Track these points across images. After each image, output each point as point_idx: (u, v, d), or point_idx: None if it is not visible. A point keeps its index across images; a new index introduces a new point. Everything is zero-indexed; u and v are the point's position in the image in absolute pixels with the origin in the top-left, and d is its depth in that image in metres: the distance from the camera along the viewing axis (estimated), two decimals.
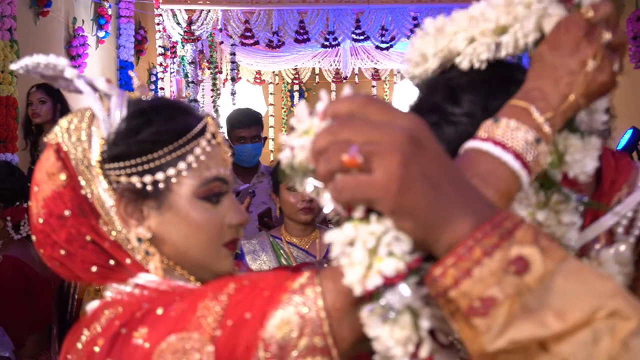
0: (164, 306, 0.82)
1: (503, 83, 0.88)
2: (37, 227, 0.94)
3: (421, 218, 0.61)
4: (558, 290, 0.59)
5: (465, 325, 0.61)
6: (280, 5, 7.21)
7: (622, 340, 0.57)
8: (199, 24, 7.05)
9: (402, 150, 0.60)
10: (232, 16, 7.27)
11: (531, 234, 0.61)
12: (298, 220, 2.75)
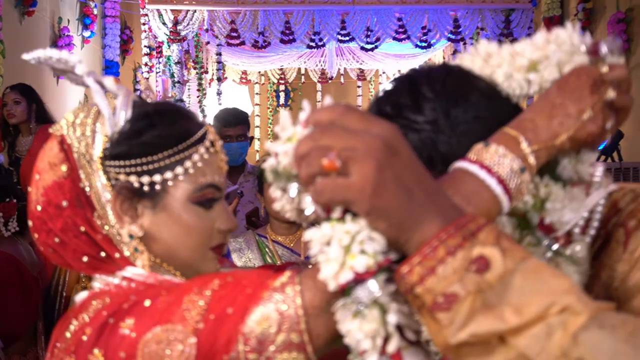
0: (151, 298, 0.86)
1: (464, 91, 0.90)
2: (35, 213, 0.97)
3: (393, 219, 0.66)
4: (516, 288, 0.63)
5: (431, 320, 0.66)
6: (266, 6, 7.25)
7: (573, 334, 0.61)
8: (184, 24, 7.08)
9: (377, 156, 0.64)
10: (218, 16, 7.29)
11: (494, 235, 0.66)
12: (282, 219, 2.79)
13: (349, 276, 0.67)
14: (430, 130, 0.87)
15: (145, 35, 7.27)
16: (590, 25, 7.07)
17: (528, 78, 0.89)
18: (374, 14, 7.59)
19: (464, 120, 0.88)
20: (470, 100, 0.88)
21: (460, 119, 0.88)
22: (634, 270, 0.83)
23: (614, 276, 0.86)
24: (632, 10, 6.33)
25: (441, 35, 8.06)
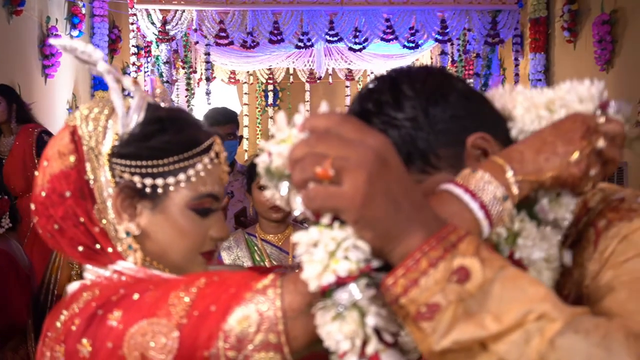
0: (139, 292, 0.89)
1: (443, 91, 0.95)
2: (39, 198, 1.01)
3: (380, 229, 0.69)
4: (496, 296, 0.67)
5: (415, 328, 0.70)
6: (255, 6, 7.26)
7: (549, 340, 0.65)
8: (173, 24, 7.09)
9: (368, 168, 0.67)
10: (206, 16, 7.30)
11: (473, 246, 0.69)
12: (269, 218, 2.84)
13: (331, 279, 0.70)
14: (410, 127, 0.92)
15: (134, 35, 7.25)
16: (575, 27, 7.14)
17: (540, 114, 0.93)
18: (362, 14, 7.62)
19: (442, 118, 0.93)
20: (449, 100, 0.93)
21: (439, 118, 0.92)
22: (604, 270, 0.87)
23: (585, 274, 0.90)
24: (616, 12, 6.40)
25: (428, 35, 8.11)
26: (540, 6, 7.65)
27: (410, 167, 0.91)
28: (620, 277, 0.85)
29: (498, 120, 0.98)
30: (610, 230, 0.90)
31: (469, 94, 0.97)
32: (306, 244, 0.72)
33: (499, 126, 0.97)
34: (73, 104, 7.02)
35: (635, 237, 0.87)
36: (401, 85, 0.95)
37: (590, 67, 6.66)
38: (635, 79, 6.08)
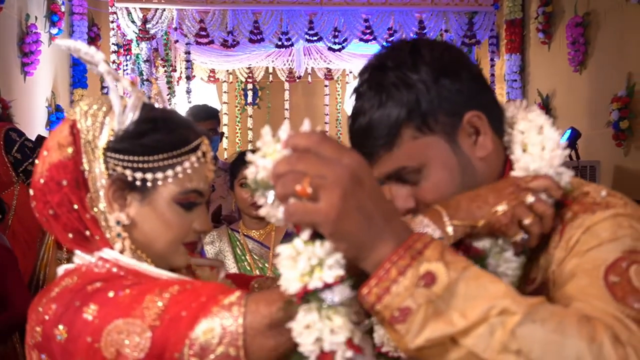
0: (115, 290, 0.96)
1: (457, 66, 1.07)
2: (37, 185, 1.08)
3: (353, 241, 0.76)
4: (461, 295, 0.75)
5: (391, 331, 0.77)
6: (235, 6, 7.31)
7: (511, 330, 0.74)
8: (153, 23, 7.10)
9: (343, 186, 0.74)
10: (187, 15, 7.33)
11: (438, 251, 0.77)
12: (250, 214, 2.93)
13: (318, 284, 0.77)
14: (419, 89, 1.03)
15: (114, 33, 7.26)
16: (549, 28, 7.29)
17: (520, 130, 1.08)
18: (341, 14, 7.70)
19: (449, 89, 1.04)
20: (460, 75, 1.05)
21: (447, 88, 1.04)
22: (568, 258, 0.97)
23: (551, 260, 1.00)
24: (589, 15, 6.55)
25: (407, 36, 8.21)
26: (516, 8, 7.80)
27: (409, 124, 1.03)
28: (582, 264, 0.93)
29: (497, 108, 1.09)
30: (575, 221, 0.99)
31: (478, 78, 1.08)
32: (290, 256, 0.78)
33: (495, 113, 1.09)
34: (52, 101, 7.01)
35: (597, 228, 0.96)
36: (422, 50, 1.06)
37: (564, 68, 6.81)
38: (607, 79, 6.23)
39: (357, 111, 1.08)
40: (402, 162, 1.06)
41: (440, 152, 1.05)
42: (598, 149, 6.29)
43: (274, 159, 0.78)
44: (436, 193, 1.05)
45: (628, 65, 5.90)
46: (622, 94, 5.86)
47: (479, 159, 1.07)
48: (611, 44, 6.22)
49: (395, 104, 1.03)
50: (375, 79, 1.06)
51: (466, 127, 1.06)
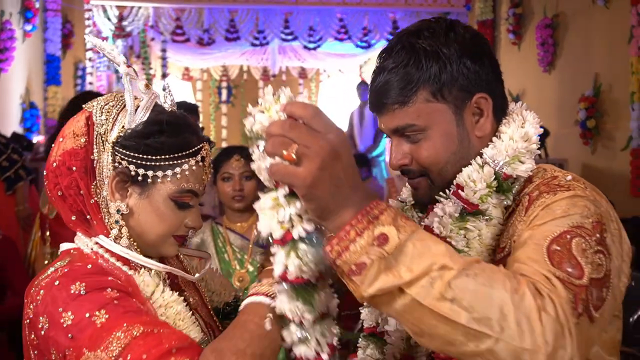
0: (90, 311, 1.04)
1: (482, 51, 1.20)
2: (50, 167, 1.18)
3: (322, 204, 0.90)
4: (408, 253, 0.89)
5: (350, 282, 0.91)
6: (211, 4, 7.35)
7: (447, 282, 0.88)
8: (129, 20, 7.12)
9: (323, 158, 0.87)
10: (163, 13, 7.36)
11: (391, 217, 0.90)
12: (232, 207, 3.02)
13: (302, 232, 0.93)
14: (444, 60, 1.16)
15: (90, 30, 7.25)
16: (520, 30, 7.47)
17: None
18: (317, 14, 7.80)
19: (469, 69, 1.17)
20: (482, 60, 1.19)
21: (467, 67, 1.17)
22: (525, 230, 1.09)
23: (515, 232, 1.13)
24: (557, 17, 6.74)
25: (381, 36, 8.35)
26: (487, 9, 7.98)
27: (427, 88, 1.16)
28: (534, 236, 1.06)
29: (503, 99, 1.23)
30: (539, 200, 1.12)
31: (496, 67, 1.22)
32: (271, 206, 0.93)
33: (500, 102, 1.22)
34: (26, 98, 6.98)
35: (554, 206, 1.09)
36: (456, 29, 1.19)
37: (534, 68, 6.99)
38: (575, 79, 6.41)
39: (383, 67, 1.21)
40: (411, 119, 1.18)
41: (445, 120, 1.18)
42: (566, 147, 6.48)
43: (269, 117, 0.91)
44: (432, 154, 1.18)
45: (595, 66, 6.08)
46: (589, 93, 6.05)
47: (476, 137, 1.20)
48: (579, 45, 6.41)
49: (420, 67, 1.16)
50: (409, 41, 1.19)
51: (473, 105, 1.19)
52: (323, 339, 1.00)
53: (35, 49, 7.30)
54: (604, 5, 5.84)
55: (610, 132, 5.90)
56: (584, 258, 1.01)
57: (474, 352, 0.89)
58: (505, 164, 1.16)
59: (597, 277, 1.00)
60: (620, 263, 1.07)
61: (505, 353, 0.87)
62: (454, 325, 0.88)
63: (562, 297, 0.94)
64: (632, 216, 4.05)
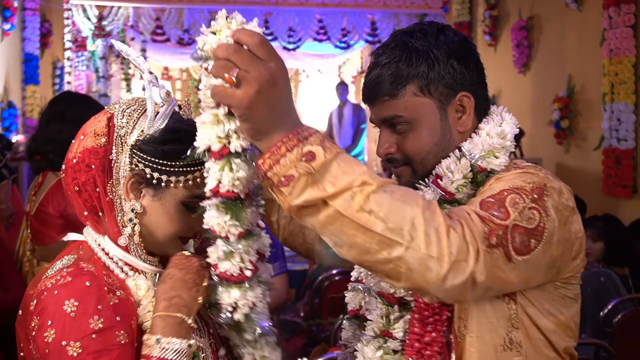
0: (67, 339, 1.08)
1: (468, 55, 1.30)
2: (69, 162, 1.22)
3: (256, 125, 0.98)
4: (333, 171, 0.98)
5: (279, 193, 0.99)
6: (191, 4, 7.38)
7: (366, 195, 0.98)
8: (109, 20, 7.12)
9: (260, 83, 0.95)
10: (143, 13, 7.36)
11: (319, 139, 0.99)
12: None
13: (237, 147, 1.02)
14: (433, 59, 1.26)
15: (69, 30, 7.23)
16: (495, 31, 7.61)
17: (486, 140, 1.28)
18: (296, 15, 7.86)
19: (455, 69, 1.27)
20: (467, 63, 1.29)
21: (454, 67, 1.27)
22: (477, 195, 1.20)
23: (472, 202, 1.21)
24: (532, 19, 6.88)
25: (359, 36, 8.44)
26: (464, 11, 8.11)
27: (415, 83, 1.26)
28: (483, 193, 1.17)
29: (485, 100, 1.32)
30: (496, 176, 1.23)
31: (480, 71, 1.31)
32: (211, 122, 1.01)
33: (482, 102, 1.31)
34: (5, 97, 6.96)
35: (504, 177, 1.20)
36: (446, 32, 1.29)
37: (509, 69, 7.12)
38: (549, 81, 6.55)
39: (377, 62, 1.30)
40: (399, 111, 1.27)
41: (430, 114, 1.27)
42: (540, 147, 6.62)
43: (218, 39, 0.99)
44: (416, 145, 1.28)
45: (568, 67, 6.23)
46: (563, 94, 6.19)
47: (458, 132, 1.29)
48: (553, 47, 6.55)
49: (411, 64, 1.26)
50: (402, 40, 1.29)
51: (456, 103, 1.28)
52: (247, 257, 1.08)
53: (14, 48, 7.28)
54: (577, 9, 5.99)
55: (583, 132, 6.05)
56: (513, 207, 1.10)
57: (386, 259, 1.00)
58: (481, 158, 1.24)
59: (525, 225, 1.09)
60: (567, 237, 1.15)
61: (413, 260, 0.99)
62: (371, 234, 0.98)
63: (475, 225, 1.05)
64: (603, 213, 4.17)
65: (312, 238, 1.48)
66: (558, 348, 1.21)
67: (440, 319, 1.19)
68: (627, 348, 3.16)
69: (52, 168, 2.77)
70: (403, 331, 1.23)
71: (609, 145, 5.46)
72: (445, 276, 1.00)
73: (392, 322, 1.25)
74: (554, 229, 1.12)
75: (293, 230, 1.51)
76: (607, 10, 5.39)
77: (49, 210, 2.74)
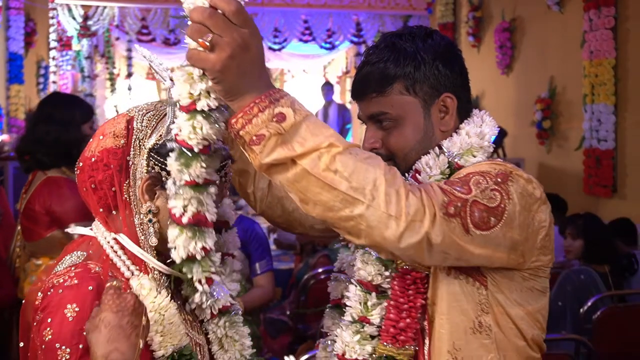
0: (61, 342, 1.11)
1: (453, 59, 1.37)
2: (87, 161, 1.25)
3: (228, 87, 1.03)
4: (302, 132, 1.04)
5: (250, 151, 1.05)
6: (177, 4, 7.38)
7: (333, 156, 1.04)
8: (95, 20, 7.11)
9: (233, 48, 0.99)
10: (128, 13, 7.36)
11: (290, 101, 1.05)
12: None
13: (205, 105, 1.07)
14: (420, 60, 1.32)
15: (54, 29, 7.21)
16: (479, 33, 7.69)
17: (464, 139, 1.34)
18: (282, 15, 7.89)
19: (440, 71, 1.34)
20: (452, 66, 1.35)
21: (439, 69, 1.33)
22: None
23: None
24: (515, 20, 6.96)
25: (344, 37, 8.49)
26: (448, 12, 8.18)
27: (402, 82, 1.32)
28: (452, 177, 1.24)
29: (468, 102, 1.38)
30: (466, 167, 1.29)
31: (464, 75, 1.38)
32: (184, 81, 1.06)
33: (465, 104, 1.37)
34: None
35: (477, 165, 1.27)
36: (433, 36, 1.35)
37: (493, 70, 7.20)
38: (531, 81, 6.64)
39: (367, 61, 1.36)
40: (386, 108, 1.33)
41: (415, 112, 1.33)
42: (523, 147, 6.70)
43: (195, 2, 1.01)
44: (400, 141, 1.33)
45: (550, 68, 6.32)
46: (545, 95, 6.28)
47: (440, 131, 1.35)
48: (535, 49, 6.64)
49: (399, 64, 1.32)
50: (392, 41, 1.35)
51: (440, 103, 1.34)
52: (188, 205, 1.14)
53: None
54: (558, 11, 6.08)
55: (564, 132, 6.14)
56: (475, 186, 1.17)
57: (348, 216, 1.06)
58: (459, 155, 1.30)
59: (486, 203, 1.16)
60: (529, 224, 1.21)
61: (373, 218, 1.06)
62: (335, 192, 1.05)
63: (435, 194, 1.12)
64: (584, 212, 4.25)
65: (293, 207, 1.51)
66: (526, 336, 1.27)
67: (414, 306, 1.25)
68: (605, 343, 3.24)
69: (41, 167, 2.83)
70: (380, 317, 1.29)
71: (589, 145, 5.54)
72: (402, 234, 1.07)
73: (369, 309, 1.30)
74: (514, 212, 1.18)
75: (271, 201, 1.54)
76: (588, 12, 5.47)
77: (36, 207, 2.79)
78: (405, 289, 1.26)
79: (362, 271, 1.32)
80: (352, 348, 1.30)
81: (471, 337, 1.24)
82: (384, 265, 1.30)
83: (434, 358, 1.25)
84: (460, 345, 1.24)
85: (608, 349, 3.24)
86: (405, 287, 1.27)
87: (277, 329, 4.14)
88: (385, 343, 1.27)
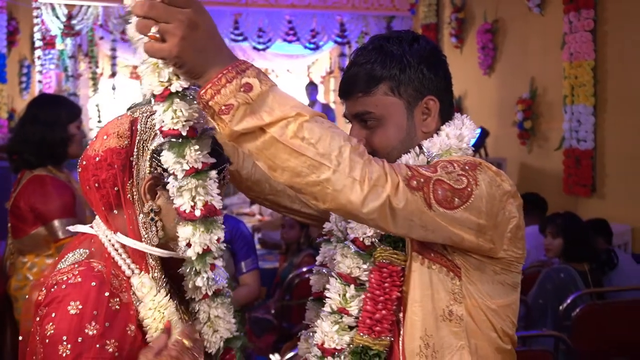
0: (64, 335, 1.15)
1: (438, 64, 1.42)
2: (91, 159, 1.28)
3: (191, 68, 1.07)
4: (269, 102, 1.09)
5: (219, 120, 1.09)
6: None
7: (300, 124, 1.09)
8: (79, 19, 7.08)
9: (182, 30, 1.03)
10: (112, 12, 7.34)
11: (256, 72, 1.10)
12: None
13: (178, 87, 1.14)
14: (406, 63, 1.37)
15: (38, 29, 7.18)
16: (461, 34, 7.76)
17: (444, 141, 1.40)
18: (266, 15, 7.91)
19: (424, 75, 1.39)
20: (437, 70, 1.41)
21: (423, 73, 1.38)
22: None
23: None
24: (497, 22, 7.04)
25: (328, 37, 8.53)
26: (431, 13, 8.25)
27: (387, 83, 1.37)
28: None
29: (450, 106, 1.43)
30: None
31: (448, 79, 1.43)
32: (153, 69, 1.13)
33: (447, 108, 1.42)
34: None
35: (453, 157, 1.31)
36: (420, 41, 1.41)
37: (475, 71, 7.28)
38: (513, 82, 6.72)
39: (355, 62, 1.41)
40: (370, 107, 1.38)
41: (398, 113, 1.38)
42: (504, 147, 6.78)
43: None
44: (383, 140, 1.38)
45: (531, 69, 6.40)
46: (526, 96, 6.36)
47: (422, 132, 1.40)
48: (516, 50, 6.72)
49: (385, 65, 1.37)
50: (379, 44, 1.40)
51: (423, 105, 1.39)
52: (197, 195, 1.19)
53: None
54: (539, 13, 6.16)
55: (545, 133, 6.22)
56: (442, 169, 1.22)
57: (315, 181, 1.11)
58: (437, 156, 1.34)
59: (451, 184, 1.21)
60: (496, 212, 1.25)
61: (339, 182, 1.11)
62: (303, 158, 1.10)
63: (399, 167, 1.18)
64: (564, 211, 4.32)
65: (283, 186, 1.53)
66: (496, 328, 1.32)
67: (390, 298, 1.30)
68: (584, 340, 3.30)
69: (28, 167, 2.89)
70: (358, 309, 1.34)
71: (569, 145, 5.63)
72: (365, 197, 1.12)
73: (348, 300, 1.35)
74: (481, 198, 1.23)
75: (259, 179, 1.58)
76: (568, 15, 5.56)
77: (21, 204, 2.85)
78: (382, 282, 1.31)
79: (341, 264, 1.37)
80: (330, 338, 1.35)
81: (442, 324, 1.29)
82: (362, 258, 1.35)
83: (408, 344, 1.30)
84: (431, 332, 1.29)
85: (587, 345, 3.30)
86: (381, 280, 1.31)
87: (262, 327, 4.17)
88: (362, 333, 1.32)
